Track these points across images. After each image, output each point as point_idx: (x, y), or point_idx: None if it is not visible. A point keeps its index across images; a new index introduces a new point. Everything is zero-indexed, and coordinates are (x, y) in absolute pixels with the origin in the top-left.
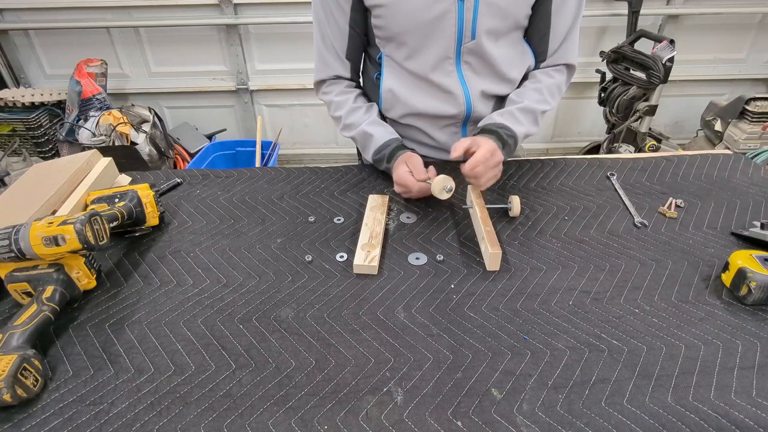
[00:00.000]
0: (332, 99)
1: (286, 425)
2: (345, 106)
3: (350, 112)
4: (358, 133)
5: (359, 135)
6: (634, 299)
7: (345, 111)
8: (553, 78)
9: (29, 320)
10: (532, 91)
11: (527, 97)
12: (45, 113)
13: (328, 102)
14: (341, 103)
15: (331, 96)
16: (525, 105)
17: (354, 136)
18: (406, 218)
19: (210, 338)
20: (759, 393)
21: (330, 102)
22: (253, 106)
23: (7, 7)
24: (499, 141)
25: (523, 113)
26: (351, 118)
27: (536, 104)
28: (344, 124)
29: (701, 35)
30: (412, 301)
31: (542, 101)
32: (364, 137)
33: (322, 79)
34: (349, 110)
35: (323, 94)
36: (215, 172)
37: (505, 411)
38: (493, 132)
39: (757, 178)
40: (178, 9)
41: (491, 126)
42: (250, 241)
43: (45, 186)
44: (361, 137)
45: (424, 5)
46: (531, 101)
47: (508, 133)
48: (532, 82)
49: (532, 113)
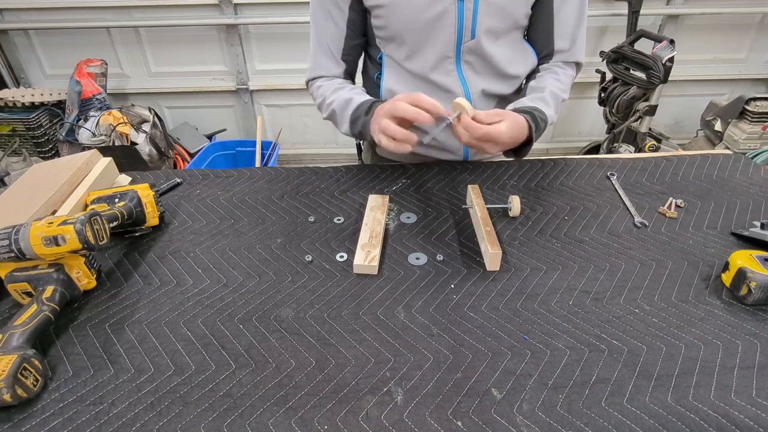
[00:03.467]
0: (320, 84)
1: (286, 425)
2: (331, 86)
3: (334, 92)
4: (338, 101)
5: (338, 103)
6: (634, 299)
7: (330, 90)
8: (566, 71)
9: (29, 320)
10: (552, 80)
11: (550, 84)
12: (45, 113)
13: (315, 90)
14: (328, 85)
15: (319, 82)
16: (550, 90)
17: (333, 110)
18: (406, 218)
19: (210, 338)
20: (759, 393)
21: (318, 88)
22: (253, 106)
23: (7, 7)
24: (533, 122)
25: (551, 98)
26: (333, 96)
27: (559, 92)
28: (327, 102)
29: (701, 35)
30: (412, 301)
31: (563, 90)
32: (342, 104)
33: (314, 77)
34: (334, 89)
35: (315, 89)
36: (215, 172)
37: (505, 411)
38: (528, 112)
39: (757, 178)
40: (178, 9)
41: (525, 108)
42: (250, 241)
43: (45, 186)
44: (340, 105)
45: (423, 5)
46: (554, 88)
47: (541, 116)
48: (549, 73)
49: (556, 99)
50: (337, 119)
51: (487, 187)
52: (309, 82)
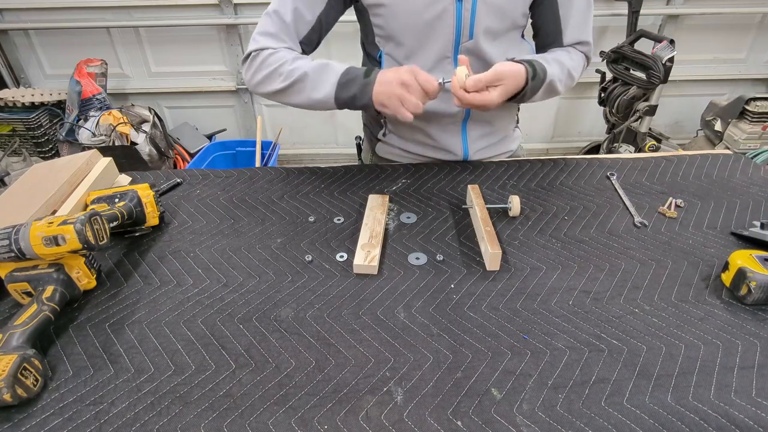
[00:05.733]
0: (274, 51)
1: (286, 425)
2: (289, 54)
3: (295, 59)
4: (311, 67)
5: (313, 67)
6: (634, 299)
7: (289, 58)
8: (578, 54)
9: (29, 320)
10: (562, 53)
11: (559, 55)
12: (45, 113)
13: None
14: (285, 53)
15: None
16: (556, 56)
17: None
18: (406, 218)
19: (210, 338)
20: (759, 393)
21: (270, 54)
22: (253, 106)
23: (7, 7)
24: (531, 67)
25: (555, 62)
26: (297, 63)
27: (567, 60)
28: (290, 68)
29: (701, 35)
30: (412, 301)
31: (573, 68)
32: (318, 69)
33: (264, 47)
34: (294, 57)
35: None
36: (215, 172)
37: (505, 411)
38: (527, 61)
39: (757, 178)
40: (178, 9)
41: (526, 58)
42: (250, 241)
43: (45, 186)
44: (315, 70)
45: (423, 5)
46: (562, 58)
47: (541, 68)
48: (560, 49)
49: (561, 65)
50: (308, 85)
51: (487, 187)
52: (253, 52)
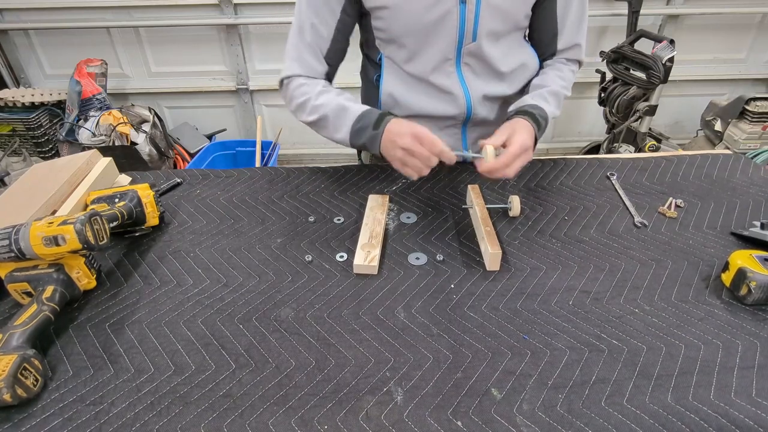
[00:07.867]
0: (303, 83)
1: (286, 425)
2: (315, 87)
3: (319, 94)
4: (331, 108)
5: (332, 108)
6: (634, 299)
7: (314, 93)
8: (570, 67)
9: (29, 320)
10: (555, 77)
11: (552, 81)
12: (45, 113)
13: (295, 89)
14: (312, 85)
15: (299, 80)
16: (552, 89)
17: (323, 114)
18: (406, 218)
19: (210, 338)
20: (759, 393)
21: (299, 86)
22: (253, 106)
23: (7, 7)
24: (535, 122)
25: (551, 96)
26: (321, 99)
27: (561, 89)
28: (313, 104)
29: (701, 35)
30: (412, 301)
31: (565, 87)
32: (337, 111)
33: (293, 75)
34: (318, 92)
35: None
36: (215, 172)
37: (505, 411)
38: (528, 113)
39: (757, 178)
40: (178, 9)
41: (525, 108)
42: (250, 241)
43: (45, 186)
44: (335, 112)
45: (426, 7)
46: (556, 86)
47: (541, 114)
48: (552, 69)
49: (557, 96)
50: (330, 126)
51: (487, 187)
52: (285, 79)
